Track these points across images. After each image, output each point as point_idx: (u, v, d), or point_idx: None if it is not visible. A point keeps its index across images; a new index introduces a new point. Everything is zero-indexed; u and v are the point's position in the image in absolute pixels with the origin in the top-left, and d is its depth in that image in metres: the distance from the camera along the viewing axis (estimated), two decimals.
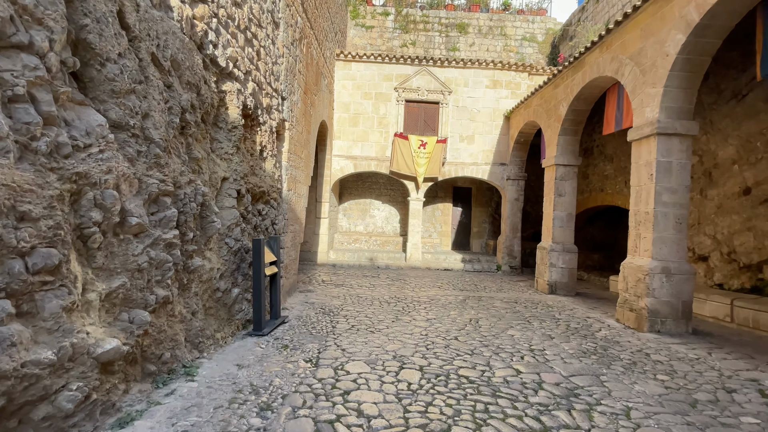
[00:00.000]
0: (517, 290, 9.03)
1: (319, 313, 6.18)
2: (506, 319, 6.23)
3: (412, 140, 11.31)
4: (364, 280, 9.49)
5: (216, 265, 4.40)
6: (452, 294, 8.28)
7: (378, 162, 11.88)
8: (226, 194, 4.66)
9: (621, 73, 6.53)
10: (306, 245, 11.86)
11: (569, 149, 8.65)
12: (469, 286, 9.38)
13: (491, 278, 10.70)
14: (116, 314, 2.90)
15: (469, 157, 11.87)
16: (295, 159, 7.33)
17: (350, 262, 11.80)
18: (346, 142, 11.90)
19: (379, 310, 6.57)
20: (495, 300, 7.78)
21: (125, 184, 2.83)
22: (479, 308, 6.97)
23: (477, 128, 11.85)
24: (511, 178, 11.71)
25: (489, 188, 14.04)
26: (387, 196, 14.14)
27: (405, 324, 5.71)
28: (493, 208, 14.06)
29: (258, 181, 5.49)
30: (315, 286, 8.61)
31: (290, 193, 7.00)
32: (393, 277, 10.21)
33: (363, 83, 11.84)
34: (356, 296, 7.67)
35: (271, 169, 6.04)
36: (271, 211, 6.05)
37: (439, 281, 9.84)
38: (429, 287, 8.97)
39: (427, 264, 11.85)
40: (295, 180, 7.37)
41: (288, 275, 7.17)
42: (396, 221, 14.15)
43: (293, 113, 6.98)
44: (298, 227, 7.80)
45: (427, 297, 7.86)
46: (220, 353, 4.16)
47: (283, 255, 6.68)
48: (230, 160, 4.71)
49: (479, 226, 13.99)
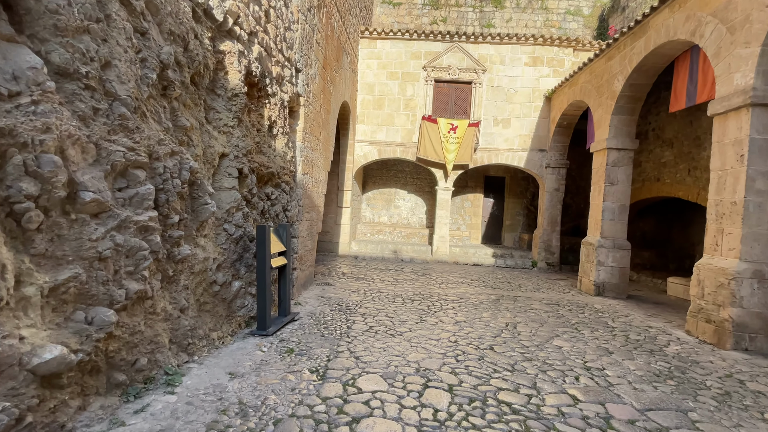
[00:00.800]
0: (557, 290, 8.06)
1: (334, 310, 5.53)
2: (549, 325, 5.36)
3: (442, 124, 10.42)
4: (386, 274, 8.79)
5: (212, 254, 3.80)
6: (483, 292, 7.43)
7: (404, 148, 11.08)
8: (224, 173, 4.03)
9: (699, 34, 5.41)
10: (327, 235, 11.28)
11: (624, 131, 7.53)
12: (502, 283, 8.48)
13: (526, 275, 9.73)
14: (68, 314, 2.31)
15: (504, 142, 10.85)
16: (312, 140, 6.66)
17: (373, 254, 11.14)
18: (370, 127, 11.16)
19: (401, 308, 5.85)
20: (533, 301, 6.88)
21: (74, 149, 2.21)
22: (516, 310, 6.11)
23: (513, 110, 10.79)
24: (551, 165, 10.61)
25: (524, 177, 12.95)
26: (413, 186, 13.32)
27: (430, 327, 4.96)
28: (529, 199, 12.97)
29: (265, 160, 4.84)
30: (334, 278, 7.99)
31: (305, 177, 6.35)
32: (418, 271, 9.46)
33: (389, 62, 11.01)
34: (377, 292, 6.98)
35: (282, 149, 5.39)
36: (282, 195, 5.42)
37: (468, 277, 9.00)
38: (457, 284, 8.16)
39: (454, 258, 11.00)
40: (312, 163, 6.71)
41: (303, 267, 6.56)
42: (422, 212, 13.34)
43: (309, 88, 6.30)
44: (315, 215, 7.16)
45: (455, 295, 7.06)
46: (213, 357, 3.56)
47: (296, 245, 6.06)
48: (230, 133, 4.07)
49: (512, 218, 12.95)
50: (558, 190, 10.64)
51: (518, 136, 10.81)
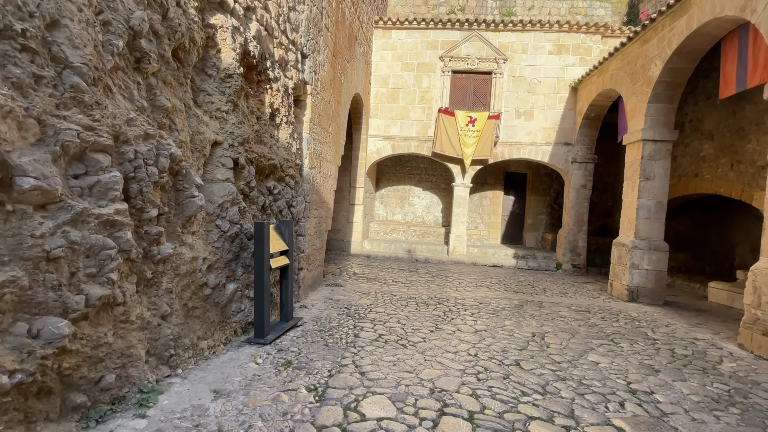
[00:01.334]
0: (585, 295, 7.41)
1: (342, 315, 5.07)
2: (581, 335, 4.77)
3: (459, 116, 9.85)
4: (399, 275, 8.30)
5: (202, 253, 3.38)
6: (505, 297, 6.86)
7: (419, 143, 10.55)
8: (217, 163, 3.61)
9: (751, 8, 4.73)
10: (339, 234, 10.87)
11: (662, 120, 6.83)
12: (524, 287, 7.88)
13: (550, 278, 9.08)
14: (3, 326, 1.91)
15: (526, 135, 10.20)
16: (321, 132, 6.22)
17: (386, 254, 10.66)
18: (384, 121, 10.67)
19: (414, 313, 5.35)
20: (560, 307, 6.27)
21: (6, 124, 1.80)
22: (542, 318, 5.53)
23: (537, 102, 10.13)
24: (578, 160, 9.91)
25: (548, 173, 12.24)
26: (428, 183, 12.78)
27: (447, 336, 4.45)
28: (552, 196, 12.25)
29: (266, 151, 4.42)
30: (344, 279, 7.55)
31: (313, 172, 5.91)
32: (433, 272, 8.93)
33: (404, 53, 10.50)
34: (389, 294, 6.49)
35: (286, 140, 4.96)
36: (286, 190, 4.99)
37: (487, 280, 8.42)
38: (476, 287, 7.60)
39: (472, 259, 10.42)
40: (320, 157, 6.27)
41: (311, 267, 6.13)
42: (438, 210, 12.78)
43: (317, 76, 5.85)
44: (324, 212, 6.72)
45: (473, 299, 6.51)
46: (200, 369, 3.15)
47: (303, 243, 5.63)
48: (224, 119, 3.65)
49: (534, 217, 12.26)
50: (585, 186, 9.92)
51: (542, 129, 10.14)
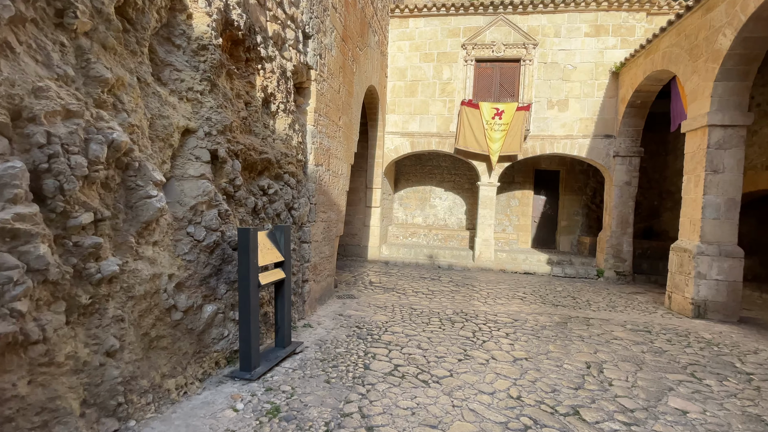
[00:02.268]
0: (638, 309, 6.35)
1: (352, 336, 4.29)
2: (650, 367, 3.81)
3: (485, 109, 8.95)
4: (420, 284, 7.46)
5: (167, 269, 2.68)
6: (543, 311, 5.91)
7: (440, 139, 9.70)
8: (190, 156, 2.91)
9: None
10: (355, 239, 10.13)
11: (733, 102, 5.74)
12: (564, 299, 6.88)
13: (592, 288, 8.02)
14: None
15: (560, 128, 9.18)
16: (329, 125, 5.50)
17: (406, 260, 9.84)
18: (402, 116, 9.88)
19: (438, 334, 4.51)
20: (612, 325, 5.28)
21: None
22: (593, 341, 4.57)
23: (572, 90, 9.10)
24: (621, 154, 8.81)
25: (584, 170, 11.12)
26: (450, 183, 11.89)
27: (479, 368, 3.59)
28: (589, 195, 11.12)
29: (257, 143, 3.71)
30: (359, 289, 6.78)
31: (320, 169, 5.19)
32: (458, 280, 8.04)
33: (422, 42, 9.69)
34: (409, 308, 5.68)
35: (284, 131, 4.24)
36: (285, 190, 4.27)
37: (519, 289, 7.47)
38: (507, 298, 6.67)
39: (500, 265, 9.46)
40: (329, 153, 5.54)
41: (318, 278, 5.39)
42: (461, 212, 11.86)
43: (324, 60, 5.14)
44: (335, 215, 5.99)
45: (506, 314, 5.61)
46: (161, 420, 2.43)
47: (308, 251, 4.90)
48: (198, 101, 2.96)
49: (569, 218, 11.16)
50: (629, 183, 8.81)
51: (578, 121, 9.10)
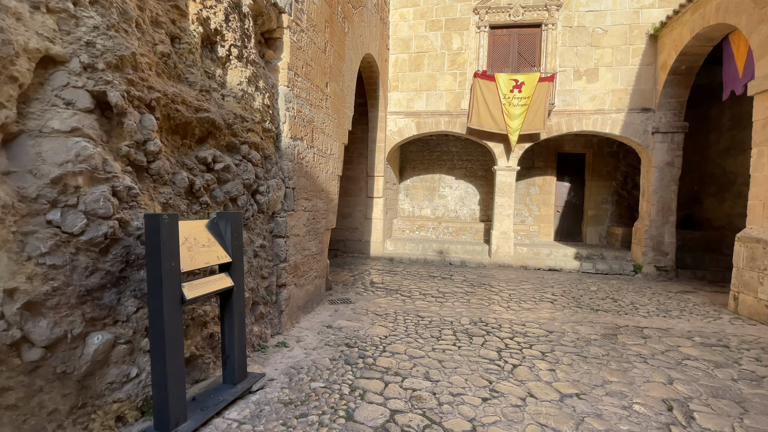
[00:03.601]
0: (697, 313, 5.17)
1: (338, 360, 3.24)
2: (755, 407, 2.67)
3: (501, 81, 7.76)
4: (429, 284, 6.37)
5: (3, 280, 1.64)
6: (581, 318, 4.78)
7: (450, 118, 8.54)
8: (54, 99, 1.85)
9: None
10: (355, 233, 9.07)
11: None
12: (602, 301, 5.73)
13: (632, 286, 6.84)
14: None
15: (589, 102, 7.95)
16: (312, 91, 4.42)
17: (412, 256, 8.74)
18: (406, 94, 8.74)
19: (452, 355, 3.43)
20: (675, 338, 4.13)
21: None
22: (659, 362, 3.44)
23: (602, 57, 7.86)
24: (662, 130, 7.56)
25: (613, 152, 9.86)
26: (462, 170, 10.72)
27: (513, 414, 2.50)
28: (620, 180, 9.86)
29: (192, 96, 2.63)
30: (358, 291, 5.72)
31: (299, 145, 4.11)
32: (472, 280, 6.93)
33: (428, 8, 8.51)
34: (415, 316, 4.60)
35: (239, 86, 3.16)
36: (244, 167, 3.20)
37: (547, 289, 6.33)
38: (534, 301, 5.54)
39: (521, 261, 8.30)
40: (312, 125, 4.46)
41: (301, 281, 4.34)
42: (474, 202, 10.70)
43: (301, 6, 4.04)
44: (323, 204, 4.92)
45: (536, 323, 4.49)
46: None
47: (285, 248, 3.85)
48: (72, 15, 1.89)
49: (597, 207, 9.92)
50: (672, 164, 7.56)
51: (610, 93, 7.86)
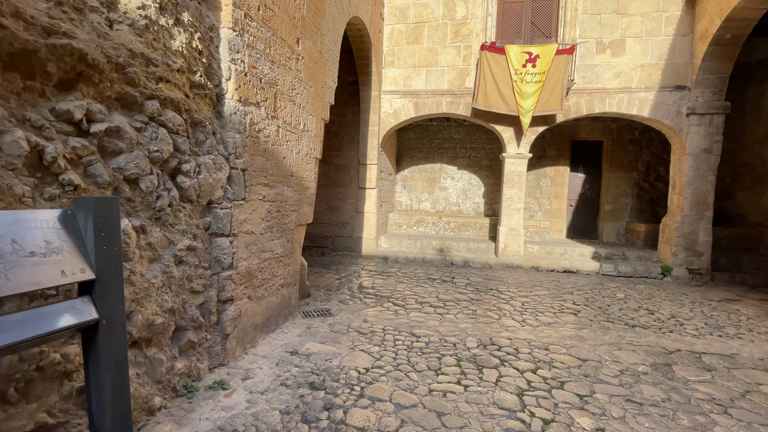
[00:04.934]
0: (757, 331, 4.19)
1: (292, 415, 2.29)
2: None
3: (513, 54, 6.71)
4: (427, 289, 5.40)
5: None
6: (617, 337, 3.80)
7: (453, 98, 7.50)
8: None
9: None
10: (345, 228, 8.08)
11: None
12: (635, 312, 4.75)
13: (664, 293, 5.85)
14: None
15: (614, 78, 6.90)
16: (276, 45, 3.40)
17: (410, 255, 7.76)
18: (403, 70, 7.70)
19: (457, 402, 2.45)
20: (748, 368, 3.15)
21: None
22: (742, 411, 2.47)
23: (630, 26, 6.81)
24: (698, 111, 6.53)
25: (634, 140, 8.84)
26: (465, 159, 9.70)
27: None
28: (641, 172, 8.84)
29: (42, 11, 1.61)
30: (342, 299, 4.74)
31: (253, 112, 3.11)
32: (478, 283, 5.95)
33: None
34: (408, 335, 3.63)
35: (146, 14, 2.14)
36: (153, 134, 2.19)
37: (566, 296, 5.34)
38: (554, 312, 4.56)
39: (532, 261, 7.31)
40: (275, 90, 3.44)
41: (260, 292, 3.37)
42: (478, 195, 9.69)
43: None
44: (292, 193, 3.91)
45: (562, 345, 3.51)
46: None
47: (228, 251, 2.87)
48: None
49: (615, 201, 8.92)
50: (709, 151, 6.54)
51: (638, 68, 6.81)
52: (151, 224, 2.16)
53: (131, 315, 2.01)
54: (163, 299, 2.25)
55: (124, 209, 2.01)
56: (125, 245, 1.95)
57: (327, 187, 8.14)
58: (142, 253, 2.11)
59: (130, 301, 2.00)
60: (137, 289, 2.06)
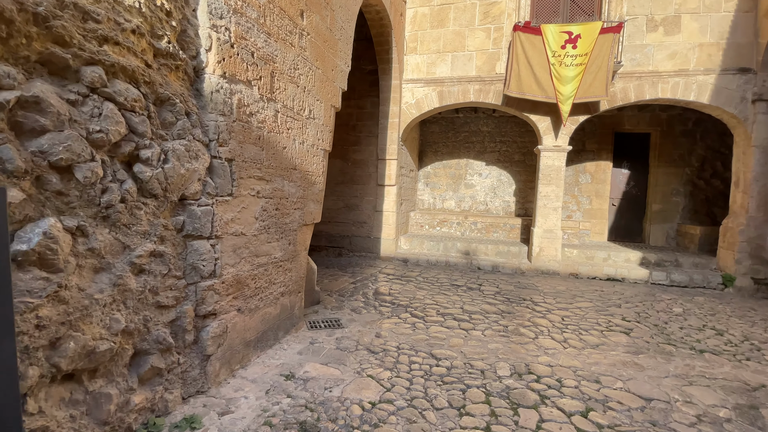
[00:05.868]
0: None
1: None
2: None
3: (550, 34, 5.99)
4: (451, 298, 4.80)
5: None
6: (684, 368, 3.09)
7: (481, 85, 6.84)
8: None
9: None
10: (363, 228, 7.58)
11: None
12: (700, 334, 3.98)
13: (729, 307, 5.00)
14: None
15: (667, 60, 6.05)
16: (273, 15, 2.92)
17: (431, 257, 7.16)
18: (426, 57, 7.09)
19: None
20: None
21: None
22: None
23: (685, 1, 5.93)
24: (765, 98, 5.61)
25: (687, 131, 7.88)
26: (494, 153, 8.99)
27: None
28: (696, 167, 7.87)
29: None
30: (354, 307, 4.24)
31: (243, 93, 2.64)
32: (508, 292, 5.29)
33: None
34: (427, 355, 3.07)
35: None
36: (96, 110, 1.72)
37: (611, 309, 4.61)
38: (599, 330, 3.87)
39: (571, 267, 6.56)
40: (271, 67, 2.96)
41: (254, 304, 2.91)
42: (509, 192, 8.96)
43: None
44: (294, 189, 3.42)
45: (617, 378, 2.85)
46: None
47: (210, 256, 2.42)
48: None
49: (664, 200, 7.98)
50: None
51: (695, 48, 5.94)
52: (94, 225, 1.71)
53: (58, 343, 1.56)
54: (113, 319, 1.80)
55: (52, 205, 1.55)
56: (49, 252, 1.49)
57: (344, 184, 7.66)
58: (81, 261, 1.66)
59: (57, 325, 1.55)
60: (70, 309, 1.60)
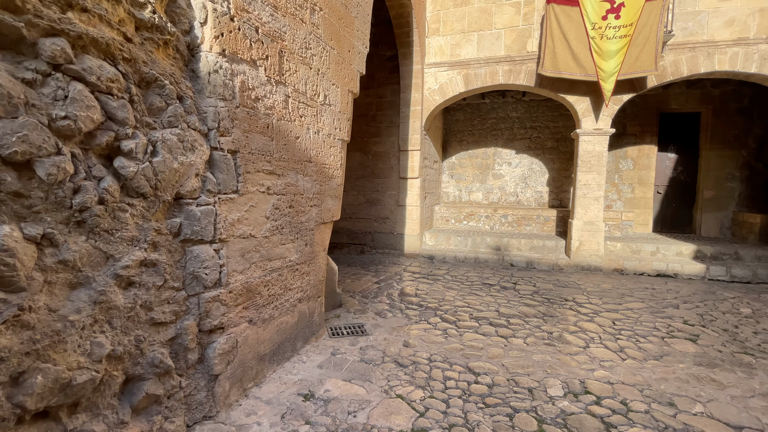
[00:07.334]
0: None
1: None
2: None
3: (589, 4, 5.40)
4: (483, 299, 4.39)
5: None
6: None
7: (511, 66, 6.30)
8: None
9: None
10: (386, 224, 7.23)
11: None
12: None
13: None
14: None
15: (724, 27, 5.35)
16: None
17: (459, 254, 6.73)
18: (450, 38, 6.61)
19: None
20: None
21: None
22: None
23: None
24: None
25: (744, 108, 7.08)
26: (525, 140, 8.42)
27: None
28: (753, 149, 7.07)
29: None
30: (379, 311, 3.90)
31: (247, 73, 2.30)
32: (547, 291, 4.82)
33: None
34: (462, 369, 2.69)
35: None
36: (59, 91, 1.40)
37: (667, 311, 4.08)
38: (658, 337, 3.37)
39: (615, 262, 5.99)
40: (279, 46, 2.61)
41: (268, 313, 2.61)
42: (541, 182, 8.39)
43: None
44: (309, 184, 3.09)
45: (694, 399, 2.39)
46: None
47: (214, 264, 2.10)
48: None
49: (718, 186, 7.23)
50: None
51: (756, 13, 5.21)
52: (66, 232, 1.41)
53: (21, 378, 1.27)
54: (95, 343, 1.51)
55: (9, 210, 1.26)
56: (5, 267, 1.20)
57: (365, 178, 7.31)
58: (51, 276, 1.37)
59: (20, 356, 1.26)
60: (37, 336, 1.31)
